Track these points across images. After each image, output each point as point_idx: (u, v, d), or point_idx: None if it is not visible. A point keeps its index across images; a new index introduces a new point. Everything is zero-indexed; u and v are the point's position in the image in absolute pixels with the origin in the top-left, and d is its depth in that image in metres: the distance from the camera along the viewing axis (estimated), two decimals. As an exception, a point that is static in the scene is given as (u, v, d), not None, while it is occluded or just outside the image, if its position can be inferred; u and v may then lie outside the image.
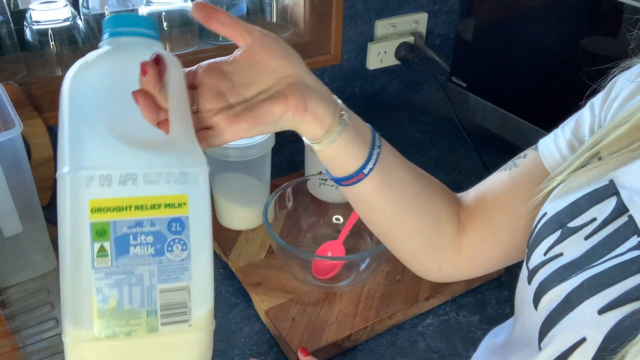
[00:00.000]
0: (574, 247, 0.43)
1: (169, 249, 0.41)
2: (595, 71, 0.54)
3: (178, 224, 0.41)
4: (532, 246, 0.47)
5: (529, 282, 0.46)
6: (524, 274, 0.48)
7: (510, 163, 0.59)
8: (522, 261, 0.50)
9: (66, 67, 0.95)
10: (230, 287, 0.81)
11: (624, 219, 0.42)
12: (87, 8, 0.97)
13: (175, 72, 0.44)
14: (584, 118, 0.53)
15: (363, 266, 0.80)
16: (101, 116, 0.41)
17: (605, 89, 0.53)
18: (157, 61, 0.43)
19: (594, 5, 0.94)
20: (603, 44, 0.94)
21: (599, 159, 0.47)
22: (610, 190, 0.44)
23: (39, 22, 0.93)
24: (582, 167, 0.48)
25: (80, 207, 0.39)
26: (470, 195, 0.61)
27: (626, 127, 0.45)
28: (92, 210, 0.39)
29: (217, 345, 0.73)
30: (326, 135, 0.50)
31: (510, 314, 0.58)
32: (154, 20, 0.47)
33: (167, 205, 0.40)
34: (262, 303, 0.76)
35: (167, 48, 1.03)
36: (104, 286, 0.39)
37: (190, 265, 0.41)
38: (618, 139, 0.46)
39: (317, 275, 0.79)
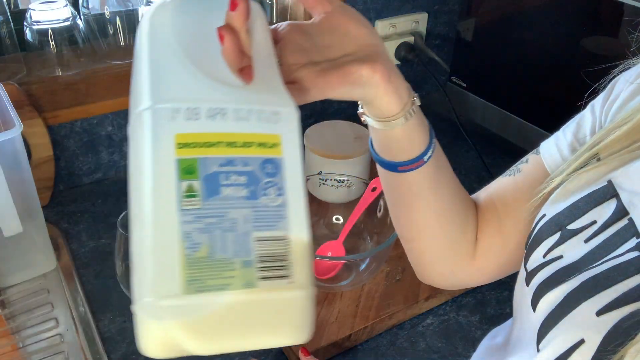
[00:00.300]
0: (574, 250, 0.43)
1: (264, 192, 0.36)
2: (595, 71, 0.54)
3: (272, 166, 0.36)
4: (530, 248, 0.47)
5: (527, 283, 0.46)
6: (522, 275, 0.48)
7: (513, 168, 0.59)
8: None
9: (66, 67, 0.95)
10: (230, 287, 0.81)
11: (624, 222, 0.42)
12: (87, 8, 0.97)
13: (260, 19, 0.41)
14: (585, 120, 0.53)
15: (363, 266, 0.80)
16: (186, 51, 0.39)
17: (606, 90, 0.53)
18: (245, 2, 0.39)
19: (594, 5, 0.94)
20: (603, 44, 0.94)
21: (598, 159, 0.47)
22: (610, 192, 0.44)
23: (39, 22, 0.92)
24: (581, 167, 0.48)
25: (165, 142, 0.34)
26: (480, 200, 0.61)
27: (626, 127, 0.45)
28: (178, 145, 0.34)
29: (217, 345, 0.73)
30: (401, 113, 0.48)
31: (510, 314, 0.58)
32: None
33: (259, 145, 0.36)
34: (262, 303, 0.76)
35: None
36: (193, 231, 0.33)
37: (287, 213, 0.36)
38: (617, 139, 0.45)
39: (317, 275, 0.79)
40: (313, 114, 1.22)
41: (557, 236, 0.45)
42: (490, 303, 0.80)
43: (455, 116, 1.14)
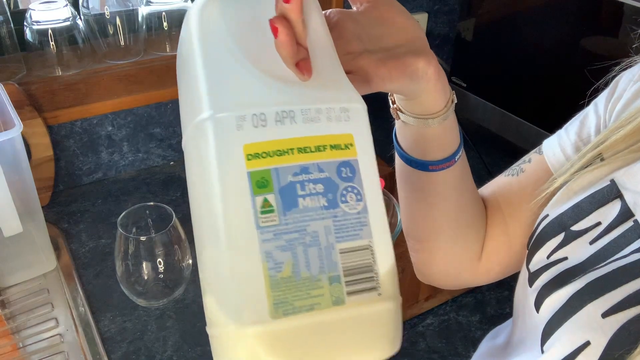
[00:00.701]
0: (579, 252, 0.43)
1: (343, 199, 0.33)
2: (595, 71, 0.54)
3: (349, 169, 0.33)
4: (533, 249, 0.47)
5: (530, 284, 0.46)
6: (524, 276, 0.48)
7: (516, 168, 0.58)
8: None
9: (66, 67, 0.95)
10: (230, 287, 0.81)
11: (629, 223, 0.42)
12: (87, 8, 0.97)
13: (314, 6, 0.37)
14: (589, 119, 0.53)
15: (363, 266, 0.80)
16: (242, 49, 0.35)
17: (609, 88, 0.52)
18: None
19: (594, 5, 0.94)
20: (603, 44, 0.94)
21: (602, 159, 0.46)
22: (613, 192, 0.44)
23: (39, 22, 0.92)
24: (585, 167, 0.47)
25: (233, 155, 0.31)
26: (486, 202, 0.60)
27: (630, 127, 0.44)
28: (247, 157, 0.31)
29: (217, 345, 0.73)
30: (444, 110, 0.47)
31: (510, 314, 0.58)
32: None
33: (333, 147, 0.33)
34: (262, 303, 0.76)
35: (167, 48, 1.03)
36: (274, 249, 0.31)
37: (369, 219, 0.33)
38: (621, 139, 0.45)
39: (317, 275, 0.79)
40: (313, 114, 1.22)
41: (561, 237, 0.45)
42: (490, 303, 0.80)
43: (455, 116, 1.14)
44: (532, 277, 0.46)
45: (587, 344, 0.37)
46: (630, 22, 0.88)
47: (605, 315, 0.37)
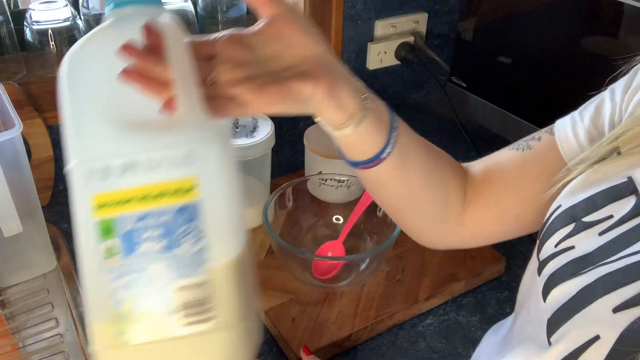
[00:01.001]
0: (587, 242, 0.43)
1: (182, 241, 0.36)
2: (595, 71, 0.54)
3: (189, 212, 0.36)
4: (543, 238, 0.47)
5: (539, 273, 0.46)
6: (533, 265, 0.48)
7: (522, 143, 0.58)
8: (523, 259, 0.50)
9: (66, 67, 0.96)
10: (230, 287, 0.81)
11: None
12: (87, 8, 0.97)
13: (175, 40, 0.38)
14: (605, 106, 0.52)
15: (363, 266, 0.80)
16: (100, 100, 0.37)
17: (628, 76, 0.51)
18: (150, 31, 0.38)
19: (594, 5, 0.94)
20: (603, 44, 0.94)
21: (618, 153, 0.46)
22: (629, 188, 0.43)
23: (39, 22, 0.92)
24: (601, 160, 0.47)
25: (85, 205, 0.36)
26: (477, 169, 0.60)
27: None
28: (96, 207, 0.36)
29: (217, 345, 0.73)
30: (347, 123, 0.47)
31: (510, 313, 0.58)
32: None
33: (174, 192, 0.36)
34: (262, 303, 0.76)
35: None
36: (117, 288, 0.36)
37: (210, 257, 0.36)
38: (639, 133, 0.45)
39: (317, 275, 0.79)
40: (313, 114, 1.22)
41: (570, 227, 0.45)
42: (490, 303, 0.80)
43: (455, 116, 1.14)
44: (541, 265, 0.46)
45: (597, 338, 0.37)
46: (631, 22, 0.88)
47: (616, 310, 0.37)
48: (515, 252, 0.88)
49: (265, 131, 0.83)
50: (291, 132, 1.18)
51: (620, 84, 0.52)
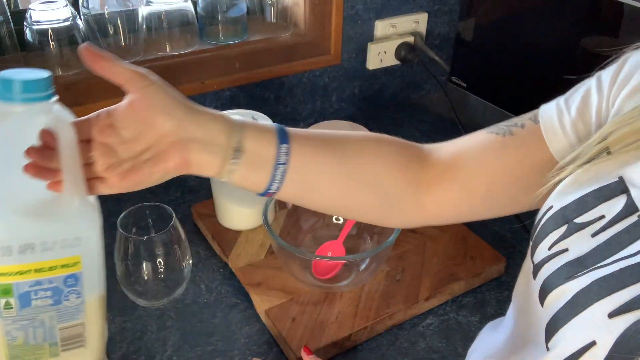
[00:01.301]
0: (580, 244, 0.43)
1: (66, 298, 0.50)
2: (594, 71, 0.54)
3: (73, 279, 0.49)
4: (537, 240, 0.47)
5: (534, 276, 0.46)
6: (528, 267, 0.48)
7: (504, 128, 0.56)
8: (523, 259, 0.50)
9: (66, 67, 0.95)
10: (230, 287, 0.81)
11: (633, 218, 0.41)
12: (87, 8, 0.97)
13: (66, 137, 0.46)
14: (592, 97, 0.51)
15: (363, 266, 0.80)
16: (3, 190, 0.46)
17: (616, 65, 0.51)
18: (44, 134, 0.46)
19: (594, 5, 0.94)
20: (603, 44, 0.94)
21: (608, 152, 0.46)
22: (620, 187, 0.43)
23: (39, 22, 0.92)
24: (591, 160, 0.47)
25: None
26: (445, 151, 0.59)
27: (638, 123, 0.44)
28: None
29: (217, 345, 0.73)
30: (220, 173, 0.51)
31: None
32: (47, 77, 0.48)
33: (63, 266, 0.48)
34: (262, 303, 0.76)
35: (167, 48, 1.03)
36: (12, 329, 0.49)
37: (85, 307, 0.51)
38: (630, 132, 0.44)
39: (317, 275, 0.79)
40: (313, 114, 1.22)
41: (563, 229, 0.45)
42: (490, 303, 0.80)
43: (455, 116, 1.14)
44: (536, 268, 0.46)
45: (593, 343, 0.37)
46: (631, 22, 0.88)
47: (612, 315, 0.37)
48: (515, 252, 0.88)
49: (265, 131, 0.83)
50: (291, 132, 1.19)
51: (608, 73, 0.51)
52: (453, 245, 0.86)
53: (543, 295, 0.44)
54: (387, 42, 1.21)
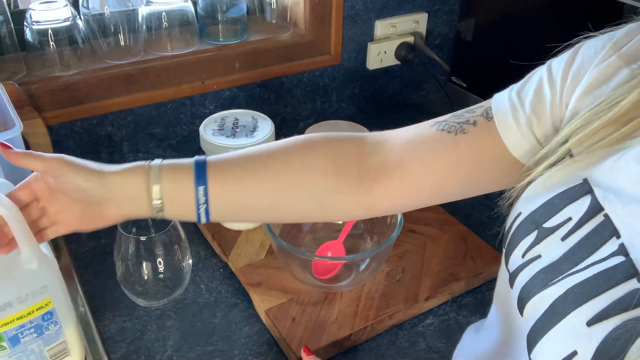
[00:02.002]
0: (552, 249, 0.43)
1: (47, 329, 0.62)
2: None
3: (49, 314, 0.61)
4: (509, 248, 0.47)
5: (511, 285, 0.46)
6: (504, 275, 0.48)
7: (454, 125, 0.55)
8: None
9: (66, 67, 0.95)
10: (230, 287, 0.81)
11: (599, 218, 0.41)
12: (87, 8, 0.97)
13: (13, 216, 0.54)
14: (544, 92, 0.50)
15: (363, 266, 0.80)
16: None
17: (567, 55, 0.50)
18: None
19: (594, 5, 0.94)
20: (603, 44, 0.94)
21: (571, 155, 0.46)
22: (585, 189, 0.43)
23: (39, 22, 0.92)
24: (554, 164, 0.46)
25: None
26: (392, 147, 0.57)
27: (597, 123, 0.43)
28: None
29: (217, 345, 0.73)
30: (151, 216, 0.57)
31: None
32: None
33: (38, 309, 0.60)
34: (262, 303, 0.76)
35: (167, 48, 1.03)
36: None
37: (63, 330, 0.63)
38: (591, 133, 0.44)
39: (317, 275, 0.79)
40: (313, 114, 1.22)
41: (534, 235, 0.45)
42: (490, 303, 0.80)
43: (455, 116, 1.14)
44: (512, 277, 0.46)
45: (575, 353, 0.37)
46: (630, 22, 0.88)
47: (590, 323, 0.37)
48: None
49: (265, 131, 0.83)
50: (291, 132, 1.18)
51: (560, 63, 0.50)
52: (453, 245, 0.86)
53: (521, 304, 0.43)
54: (387, 42, 1.21)
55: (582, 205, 0.43)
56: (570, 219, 0.43)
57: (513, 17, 1.08)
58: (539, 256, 0.44)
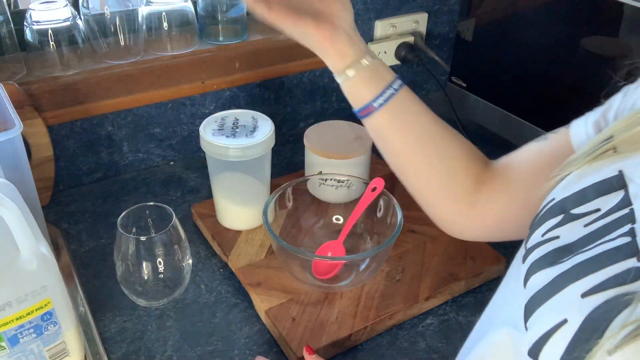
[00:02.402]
0: (571, 232, 0.44)
1: (46, 329, 0.61)
2: (595, 71, 0.54)
3: (48, 315, 0.61)
4: (532, 228, 0.48)
5: (523, 261, 0.47)
6: (520, 253, 0.49)
7: (543, 135, 0.61)
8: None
9: (66, 67, 0.95)
10: (230, 287, 0.81)
11: (625, 211, 0.42)
12: (87, 8, 0.97)
13: (12, 215, 0.55)
14: (615, 99, 0.54)
15: (363, 266, 0.80)
16: None
17: None
18: None
19: (594, 5, 0.94)
20: (603, 44, 0.94)
21: (615, 150, 0.47)
22: (620, 183, 0.44)
23: (39, 22, 0.92)
24: (597, 157, 0.48)
25: None
26: (500, 161, 0.66)
27: None
28: None
29: (217, 345, 0.73)
30: (341, 70, 0.64)
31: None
32: None
33: (37, 309, 0.59)
34: (262, 303, 0.76)
35: (167, 48, 1.03)
36: None
37: (62, 330, 0.63)
38: (636, 135, 0.45)
39: (317, 275, 0.79)
40: (313, 114, 1.22)
41: (559, 218, 0.46)
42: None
43: (455, 116, 1.14)
44: (526, 253, 0.47)
45: (564, 321, 0.38)
46: (631, 22, 0.88)
47: (584, 295, 0.38)
48: (515, 252, 0.88)
49: (265, 131, 0.83)
50: (291, 132, 1.19)
51: (637, 83, 0.53)
52: (453, 245, 0.86)
53: (527, 278, 0.44)
54: (387, 42, 1.21)
55: (613, 200, 0.43)
56: (598, 210, 0.44)
57: (513, 17, 1.08)
58: (557, 237, 0.44)
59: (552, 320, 0.39)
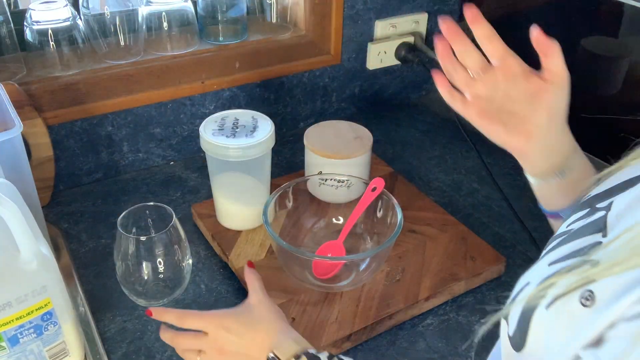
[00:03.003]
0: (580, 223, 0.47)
1: (46, 329, 0.62)
2: (595, 71, 0.54)
3: (48, 315, 0.61)
4: (564, 221, 0.51)
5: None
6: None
7: None
8: (524, 259, 0.53)
9: (66, 67, 0.95)
10: (230, 287, 0.81)
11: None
12: (87, 8, 0.97)
13: (12, 215, 0.55)
14: None
15: (363, 266, 0.80)
16: None
17: None
18: None
19: (594, 5, 0.94)
20: (603, 44, 0.94)
21: None
22: None
23: (39, 22, 0.92)
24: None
25: None
26: None
27: None
28: None
29: (217, 345, 0.73)
30: (535, 176, 0.59)
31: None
32: None
33: (37, 309, 0.59)
34: (262, 303, 0.76)
35: (167, 48, 1.03)
36: None
37: (62, 330, 0.63)
38: None
39: (317, 275, 0.79)
40: (313, 114, 1.22)
41: (584, 212, 0.48)
42: (490, 303, 0.80)
43: (456, 116, 1.14)
44: (548, 244, 0.50)
45: (528, 284, 0.45)
46: (631, 22, 0.88)
47: (551, 264, 0.44)
48: (515, 252, 0.88)
49: (265, 131, 0.83)
50: (291, 132, 1.19)
51: None
52: (453, 245, 0.86)
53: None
54: (387, 42, 1.21)
55: None
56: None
57: (513, 17, 1.08)
58: (572, 229, 0.47)
59: (520, 284, 0.47)
